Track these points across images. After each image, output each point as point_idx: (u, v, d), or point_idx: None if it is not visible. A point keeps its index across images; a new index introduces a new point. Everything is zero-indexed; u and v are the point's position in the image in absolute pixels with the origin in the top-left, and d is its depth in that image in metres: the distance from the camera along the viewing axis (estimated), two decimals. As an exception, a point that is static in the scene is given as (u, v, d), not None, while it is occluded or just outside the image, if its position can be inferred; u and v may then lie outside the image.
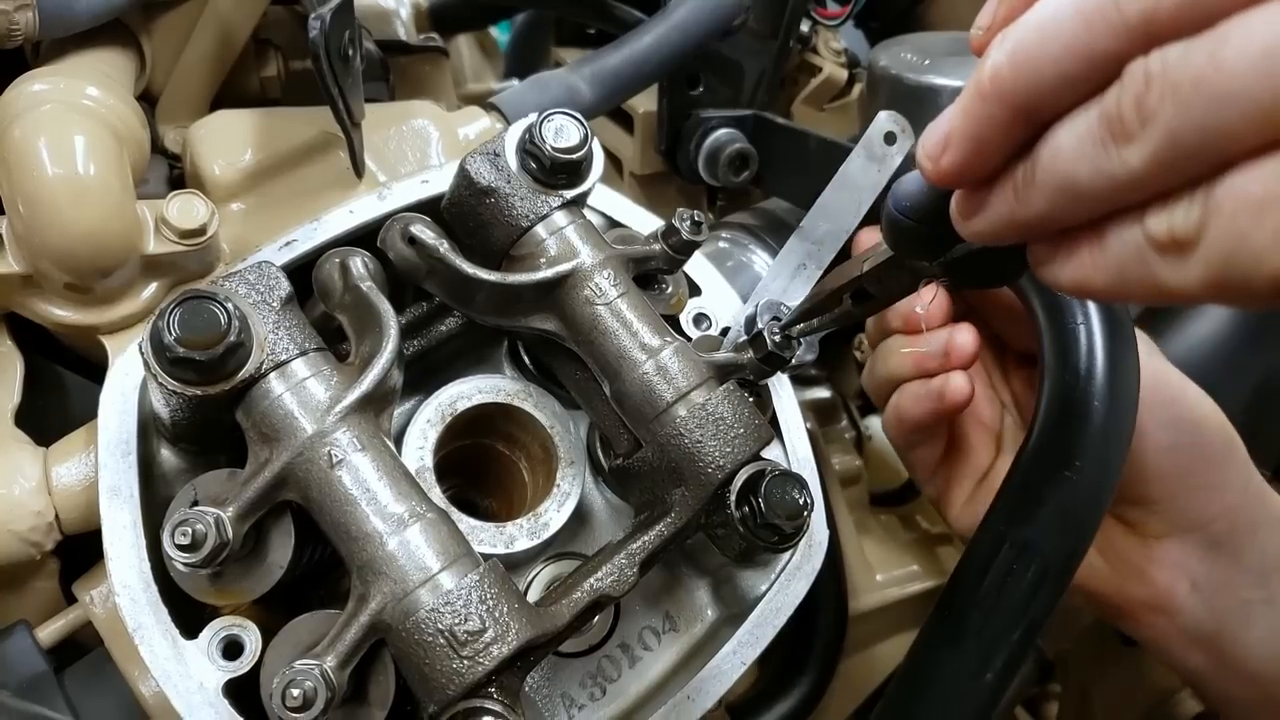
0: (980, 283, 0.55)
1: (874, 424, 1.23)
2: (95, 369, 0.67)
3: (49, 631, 0.65)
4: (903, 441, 0.87)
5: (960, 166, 0.43)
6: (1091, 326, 0.69)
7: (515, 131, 0.61)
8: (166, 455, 0.61)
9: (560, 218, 0.61)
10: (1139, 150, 0.36)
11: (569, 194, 0.61)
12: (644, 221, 0.72)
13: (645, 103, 1.06)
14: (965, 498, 0.84)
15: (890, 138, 0.65)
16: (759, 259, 0.94)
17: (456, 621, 0.50)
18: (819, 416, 1.10)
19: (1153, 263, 0.38)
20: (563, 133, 0.60)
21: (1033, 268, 0.45)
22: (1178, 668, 0.79)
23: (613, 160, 1.15)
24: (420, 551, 0.51)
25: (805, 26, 1.18)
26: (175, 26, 0.78)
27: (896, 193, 0.49)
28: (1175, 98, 0.34)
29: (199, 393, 0.52)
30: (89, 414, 0.60)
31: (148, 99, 0.80)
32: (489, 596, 0.51)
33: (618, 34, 0.91)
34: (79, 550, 0.66)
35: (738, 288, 0.74)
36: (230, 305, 0.52)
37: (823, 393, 1.12)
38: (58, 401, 0.72)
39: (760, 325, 0.64)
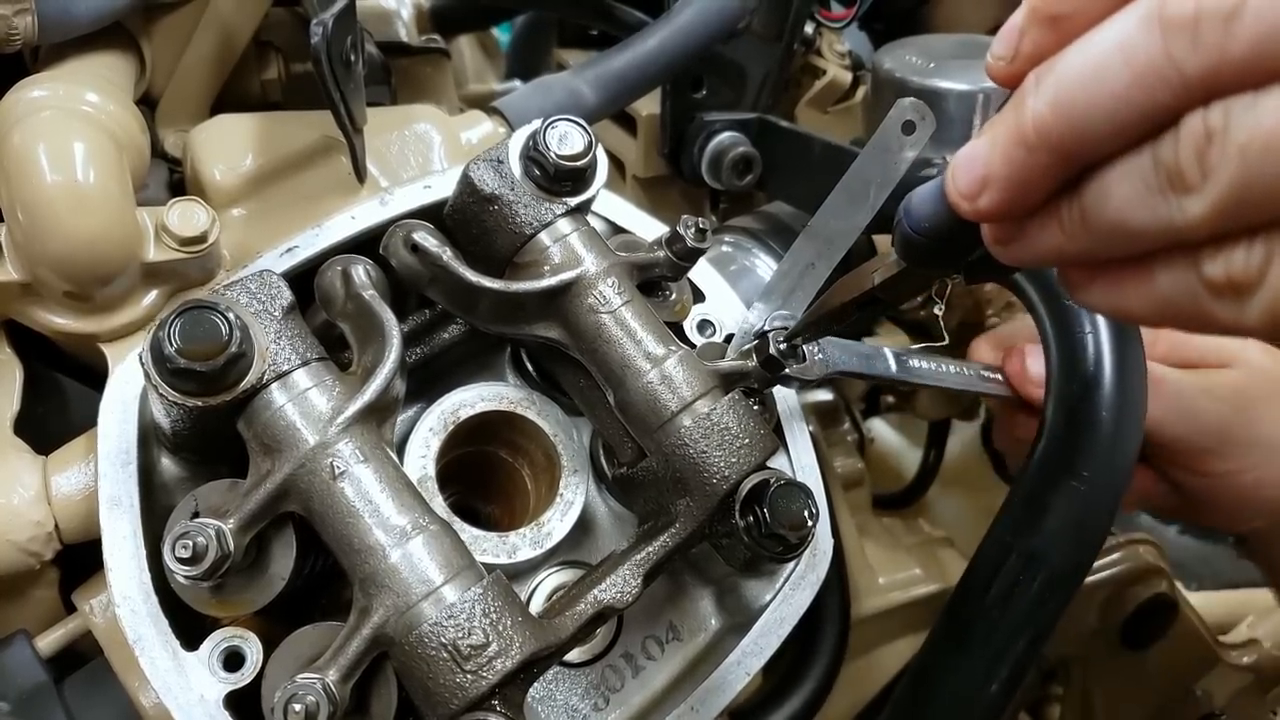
0: (990, 276, 0.55)
1: (876, 426, 1.23)
2: (95, 377, 0.67)
3: (48, 641, 0.64)
4: None
5: (1000, 208, 0.43)
6: (1099, 336, 0.68)
7: (519, 138, 0.61)
8: (167, 464, 0.60)
9: (564, 225, 0.60)
10: (1200, 202, 0.35)
11: (573, 201, 0.61)
12: (647, 227, 0.72)
13: (648, 105, 1.05)
14: None
15: (909, 127, 0.64)
16: (762, 263, 0.93)
17: (460, 635, 0.49)
18: (821, 419, 1.09)
19: (1204, 301, 0.38)
20: (567, 140, 0.60)
21: (1067, 289, 0.45)
22: None
23: (615, 163, 1.15)
24: (423, 564, 0.51)
25: (809, 29, 1.17)
26: (175, 29, 0.77)
27: (911, 212, 0.48)
28: (1243, 155, 0.34)
29: (200, 404, 0.52)
30: (89, 422, 0.60)
31: (147, 102, 0.79)
32: (492, 610, 0.50)
33: (620, 36, 0.90)
34: (78, 559, 0.66)
35: (741, 292, 0.74)
36: (231, 315, 0.51)
37: (825, 395, 1.11)
38: (57, 409, 0.71)
39: (766, 334, 0.63)
